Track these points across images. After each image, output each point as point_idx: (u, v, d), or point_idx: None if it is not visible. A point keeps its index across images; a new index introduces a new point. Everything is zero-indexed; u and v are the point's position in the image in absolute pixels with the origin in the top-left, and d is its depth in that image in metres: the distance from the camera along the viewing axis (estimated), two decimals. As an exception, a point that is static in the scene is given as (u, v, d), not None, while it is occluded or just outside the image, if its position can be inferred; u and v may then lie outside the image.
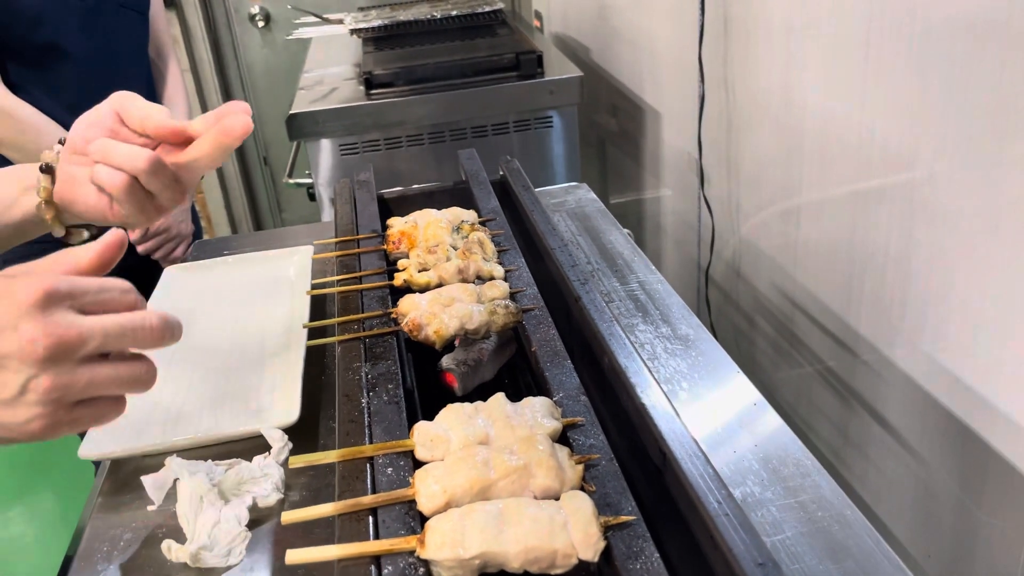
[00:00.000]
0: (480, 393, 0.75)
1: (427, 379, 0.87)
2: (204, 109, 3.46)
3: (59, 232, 0.78)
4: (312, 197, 2.08)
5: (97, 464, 1.51)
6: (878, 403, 1.32)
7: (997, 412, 1.05)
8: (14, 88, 1.32)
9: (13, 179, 0.78)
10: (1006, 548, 1.09)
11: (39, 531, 2.53)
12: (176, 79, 1.66)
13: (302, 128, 1.93)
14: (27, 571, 2.33)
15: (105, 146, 0.71)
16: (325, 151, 1.98)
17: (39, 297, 0.52)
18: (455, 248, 0.91)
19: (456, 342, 0.86)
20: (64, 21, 1.35)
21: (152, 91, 1.60)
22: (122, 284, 0.58)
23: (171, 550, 0.67)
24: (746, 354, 1.68)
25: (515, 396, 0.68)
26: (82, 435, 1.56)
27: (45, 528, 2.54)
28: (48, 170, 0.76)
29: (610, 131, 2.53)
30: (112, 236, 0.61)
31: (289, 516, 0.58)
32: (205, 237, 1.70)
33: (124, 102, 0.74)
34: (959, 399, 1.12)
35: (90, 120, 0.75)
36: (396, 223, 0.97)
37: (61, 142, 0.78)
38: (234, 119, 0.70)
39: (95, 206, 0.75)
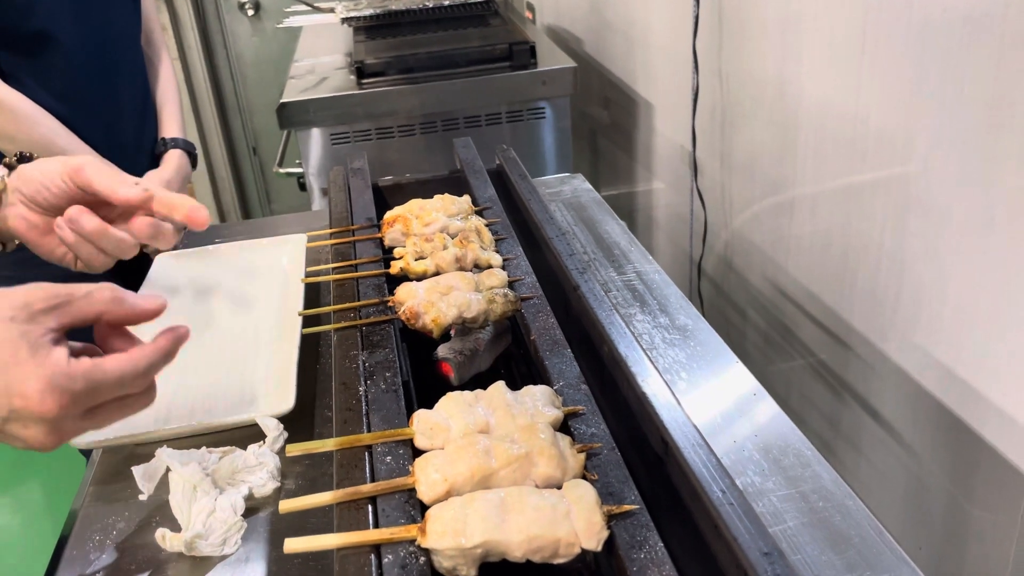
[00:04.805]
0: (475, 383, 0.74)
1: (422, 369, 0.86)
2: (193, 98, 3.43)
3: None
4: (302, 187, 2.06)
5: (87, 454, 1.50)
6: (870, 396, 1.32)
7: (989, 405, 1.05)
8: (5, 77, 1.30)
9: None
10: (997, 541, 1.09)
11: (26, 522, 2.51)
12: (168, 70, 1.63)
13: (293, 117, 1.92)
14: (14, 562, 2.31)
15: (97, 230, 0.77)
16: (316, 141, 1.96)
17: (53, 407, 0.59)
18: (451, 236, 0.90)
19: (452, 332, 0.85)
20: (57, 9, 1.33)
21: (145, 80, 1.57)
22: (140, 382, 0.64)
23: (165, 538, 0.66)
24: (738, 346, 1.68)
25: (510, 386, 0.68)
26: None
27: (32, 519, 2.52)
28: None
29: (602, 123, 2.52)
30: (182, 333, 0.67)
31: (287, 505, 0.58)
32: (194, 226, 1.68)
33: (83, 175, 0.79)
34: (951, 392, 1.12)
35: (44, 179, 0.80)
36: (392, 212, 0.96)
37: (7, 165, 0.83)
38: (200, 213, 0.78)
39: (59, 259, 0.82)
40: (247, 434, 0.79)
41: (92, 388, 0.61)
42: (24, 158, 0.86)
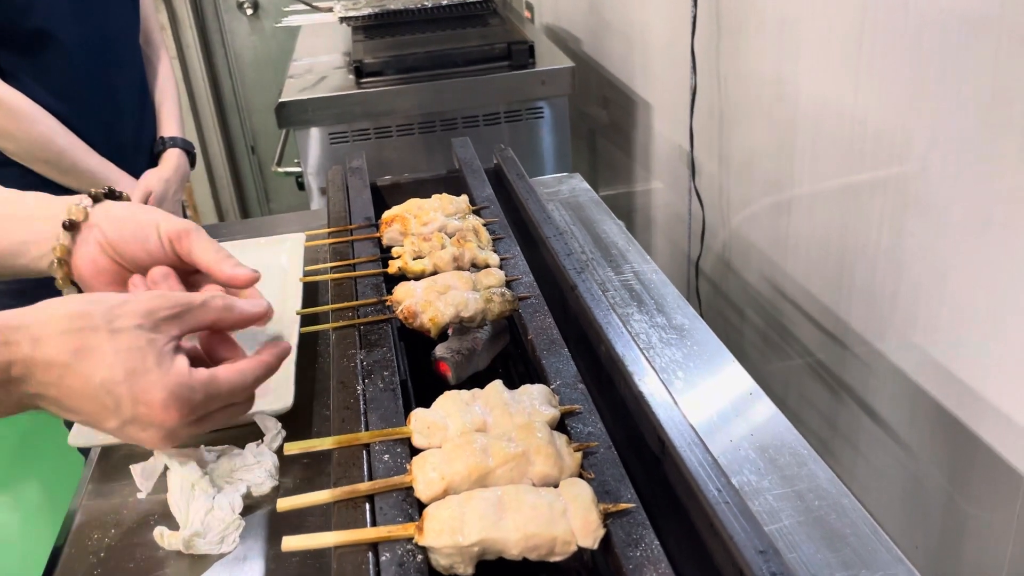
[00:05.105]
0: (473, 383, 0.75)
1: (419, 369, 0.87)
2: (191, 97, 3.43)
3: (70, 292, 0.75)
4: (301, 186, 2.06)
5: (85, 452, 1.51)
6: (868, 395, 1.32)
7: (986, 404, 1.06)
8: (4, 76, 1.30)
9: (24, 228, 0.74)
10: (993, 540, 1.09)
11: (25, 520, 2.51)
12: (166, 69, 1.63)
13: (291, 116, 1.92)
14: (13, 561, 2.31)
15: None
16: (314, 140, 1.96)
17: (174, 416, 0.62)
18: (449, 236, 0.90)
19: (450, 331, 0.86)
20: (55, 7, 1.33)
21: (143, 79, 1.58)
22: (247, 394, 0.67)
23: (163, 536, 0.67)
24: (736, 346, 1.68)
25: (508, 385, 0.68)
26: (69, 424, 1.54)
27: (31, 518, 2.52)
28: (72, 227, 0.73)
29: (601, 123, 2.52)
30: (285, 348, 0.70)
31: (285, 503, 0.58)
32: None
33: (186, 243, 0.75)
34: (949, 391, 1.13)
35: (138, 230, 0.74)
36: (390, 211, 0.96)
37: (92, 196, 0.76)
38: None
39: None
40: (245, 433, 0.79)
41: (208, 399, 0.64)
42: (113, 195, 0.79)
